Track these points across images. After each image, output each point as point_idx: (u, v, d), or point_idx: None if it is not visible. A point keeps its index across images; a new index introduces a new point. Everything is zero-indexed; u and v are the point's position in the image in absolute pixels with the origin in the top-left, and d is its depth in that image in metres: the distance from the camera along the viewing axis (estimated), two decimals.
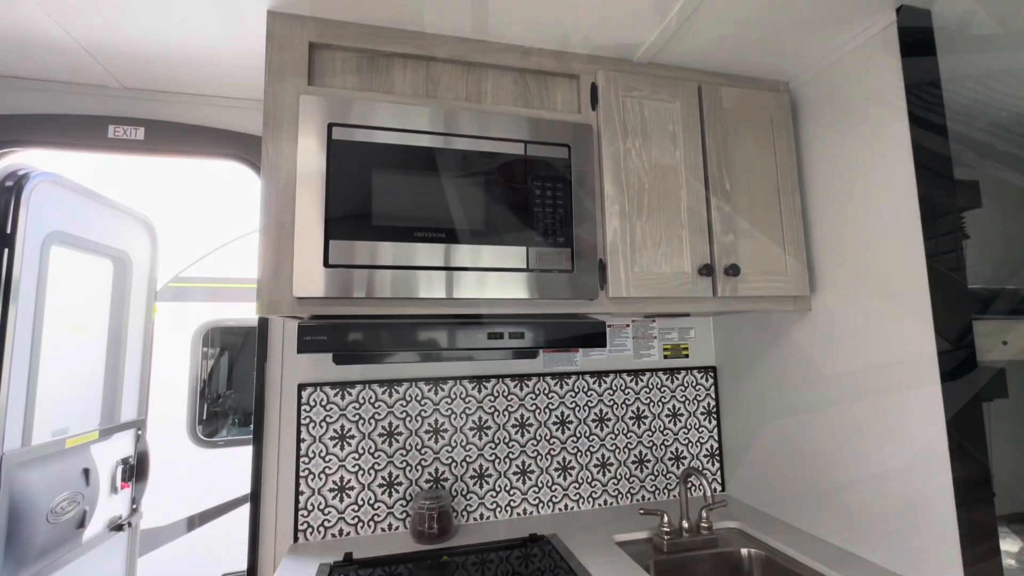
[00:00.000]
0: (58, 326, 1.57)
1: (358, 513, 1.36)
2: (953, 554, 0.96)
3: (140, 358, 1.97)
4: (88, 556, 1.66)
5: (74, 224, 1.61)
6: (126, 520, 1.82)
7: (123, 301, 1.87)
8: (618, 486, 1.55)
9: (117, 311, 1.85)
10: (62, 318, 1.59)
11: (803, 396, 1.32)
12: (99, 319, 1.79)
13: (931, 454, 1.01)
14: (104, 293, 1.81)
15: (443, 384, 1.46)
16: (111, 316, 1.83)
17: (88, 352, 1.73)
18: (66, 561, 1.54)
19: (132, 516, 1.86)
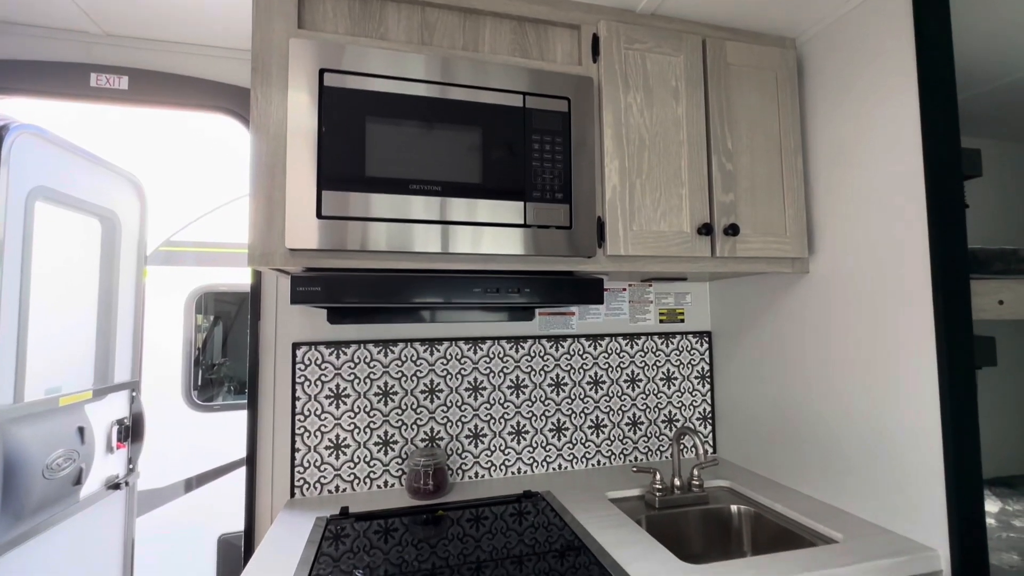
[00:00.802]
0: (46, 284, 1.54)
1: (354, 470, 1.38)
2: (939, 512, 0.98)
3: (132, 320, 1.95)
4: (86, 514, 1.68)
5: (59, 180, 1.57)
6: (123, 479, 1.83)
7: (112, 262, 1.84)
8: (611, 447, 1.57)
9: (107, 272, 1.82)
10: (50, 276, 1.57)
11: (797, 359, 1.32)
12: (89, 279, 1.76)
13: (923, 416, 1.02)
14: (93, 253, 1.77)
15: (438, 345, 1.46)
16: (101, 277, 1.80)
17: (79, 312, 1.71)
18: (63, 517, 1.55)
19: (129, 476, 1.88)
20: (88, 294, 1.76)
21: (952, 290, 1.00)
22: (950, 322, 1.00)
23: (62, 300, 1.64)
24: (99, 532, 1.78)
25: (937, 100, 1.02)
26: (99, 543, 1.79)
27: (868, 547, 1.00)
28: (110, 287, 1.83)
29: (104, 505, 1.78)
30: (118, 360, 1.86)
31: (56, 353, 1.61)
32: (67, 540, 1.61)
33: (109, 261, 1.83)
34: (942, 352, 1.00)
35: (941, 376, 1.00)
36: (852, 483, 1.17)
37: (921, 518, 1.02)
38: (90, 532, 1.73)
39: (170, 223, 2.53)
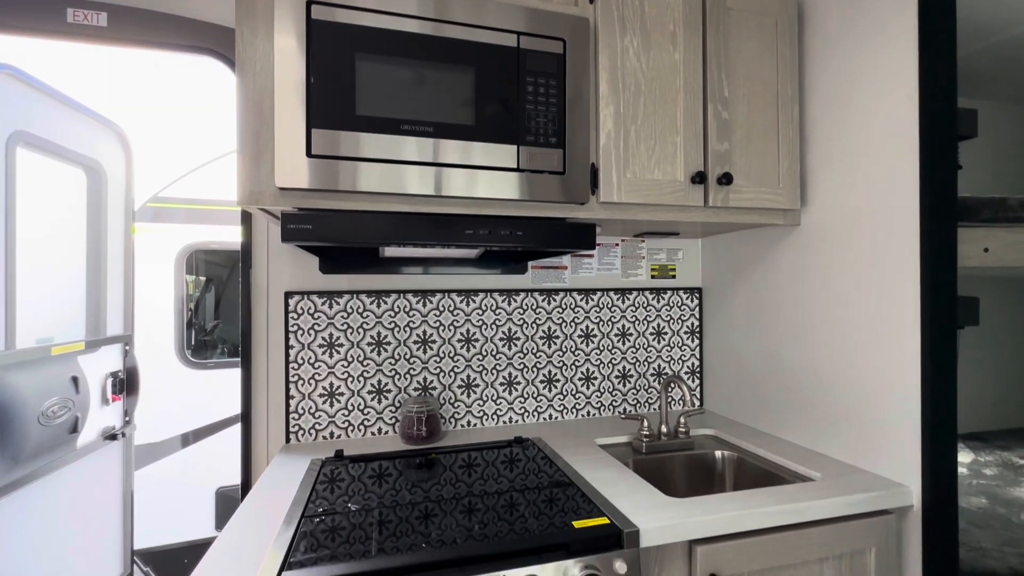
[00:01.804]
0: (33, 234, 1.53)
1: (348, 418, 1.40)
2: (914, 455, 1.02)
3: (122, 274, 1.95)
4: (84, 462, 1.71)
5: (40, 126, 1.53)
6: (119, 431, 1.85)
7: (99, 214, 1.81)
8: (601, 399, 1.61)
9: (94, 224, 1.80)
10: (37, 226, 1.55)
11: (784, 312, 1.34)
12: (76, 231, 1.74)
13: (904, 369, 1.04)
14: (80, 205, 1.75)
15: (431, 297, 1.46)
16: (88, 229, 1.78)
17: (68, 264, 1.70)
18: (61, 464, 1.58)
19: (126, 428, 1.90)
20: (77, 246, 1.75)
21: (939, 239, 1.01)
22: (936, 276, 1.01)
23: (50, 251, 1.63)
24: (98, 481, 1.82)
25: (936, 47, 1.00)
26: (98, 492, 1.83)
27: (844, 484, 1.04)
28: (98, 240, 1.82)
29: (102, 455, 1.81)
30: (110, 313, 1.86)
31: (47, 304, 1.62)
32: (66, 487, 1.65)
33: (96, 213, 1.81)
34: (926, 307, 1.02)
35: (923, 332, 1.02)
36: (833, 430, 1.21)
37: (897, 461, 1.06)
38: (89, 481, 1.77)
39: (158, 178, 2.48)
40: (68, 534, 1.69)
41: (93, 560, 1.83)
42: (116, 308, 1.91)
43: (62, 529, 1.66)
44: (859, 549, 1.00)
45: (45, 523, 1.58)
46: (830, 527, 0.97)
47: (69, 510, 1.68)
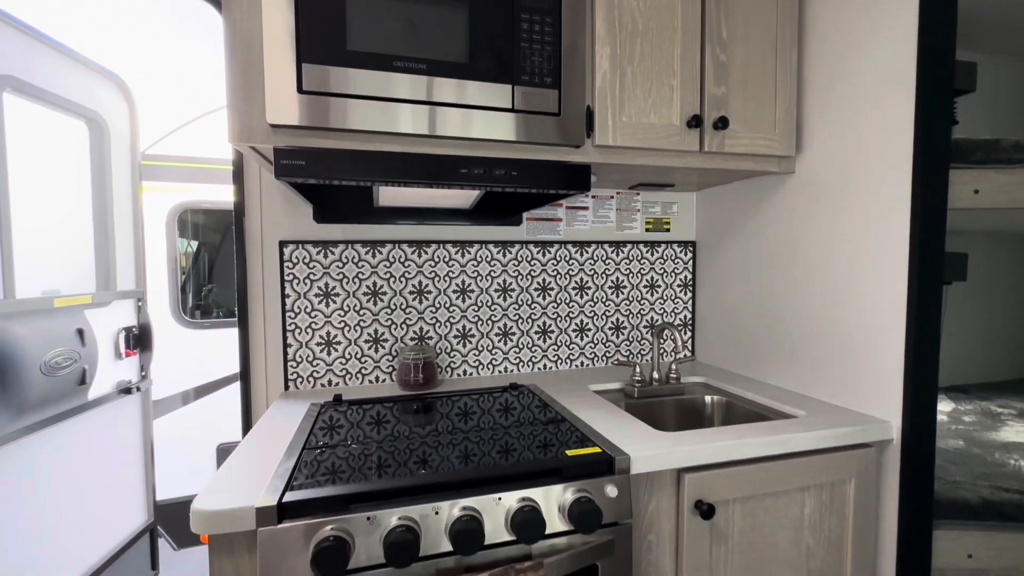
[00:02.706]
0: (33, 185, 1.52)
1: (346, 366, 1.42)
2: (896, 394, 1.05)
3: (132, 231, 1.95)
4: (99, 414, 1.76)
5: (31, 72, 1.49)
6: (134, 384, 1.89)
7: (103, 168, 1.81)
8: (595, 350, 1.64)
9: (99, 178, 1.80)
10: (37, 178, 1.54)
11: (776, 262, 1.36)
12: (81, 185, 1.74)
13: (891, 316, 1.06)
14: (83, 158, 1.75)
15: (426, 247, 1.46)
16: (93, 184, 1.79)
17: (73, 218, 1.72)
18: (73, 414, 1.63)
19: (142, 382, 1.95)
20: (82, 200, 1.76)
21: (931, 182, 1.01)
22: (926, 222, 1.02)
23: (54, 204, 1.63)
24: (116, 432, 1.88)
25: None
26: (118, 442, 1.89)
27: (828, 420, 1.08)
28: (104, 195, 1.82)
29: (119, 408, 1.87)
30: (119, 269, 1.88)
31: (54, 258, 1.64)
32: (82, 436, 1.70)
33: (100, 167, 1.80)
34: (914, 254, 1.03)
35: (911, 281, 1.03)
36: (821, 373, 1.24)
37: (880, 400, 1.09)
38: (107, 432, 1.82)
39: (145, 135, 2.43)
40: (90, 482, 1.75)
41: (118, 508, 1.90)
42: (126, 263, 1.93)
43: (83, 476, 1.71)
44: (840, 480, 1.04)
45: (64, 467, 1.63)
46: (813, 458, 1.01)
47: (89, 458, 1.73)
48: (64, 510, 1.64)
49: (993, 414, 1.67)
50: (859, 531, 1.06)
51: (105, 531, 1.83)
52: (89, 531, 1.75)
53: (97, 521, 1.79)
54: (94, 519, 1.77)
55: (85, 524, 1.73)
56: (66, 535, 1.65)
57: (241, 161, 1.35)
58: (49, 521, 1.58)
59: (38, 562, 1.54)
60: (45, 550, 1.57)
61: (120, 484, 1.91)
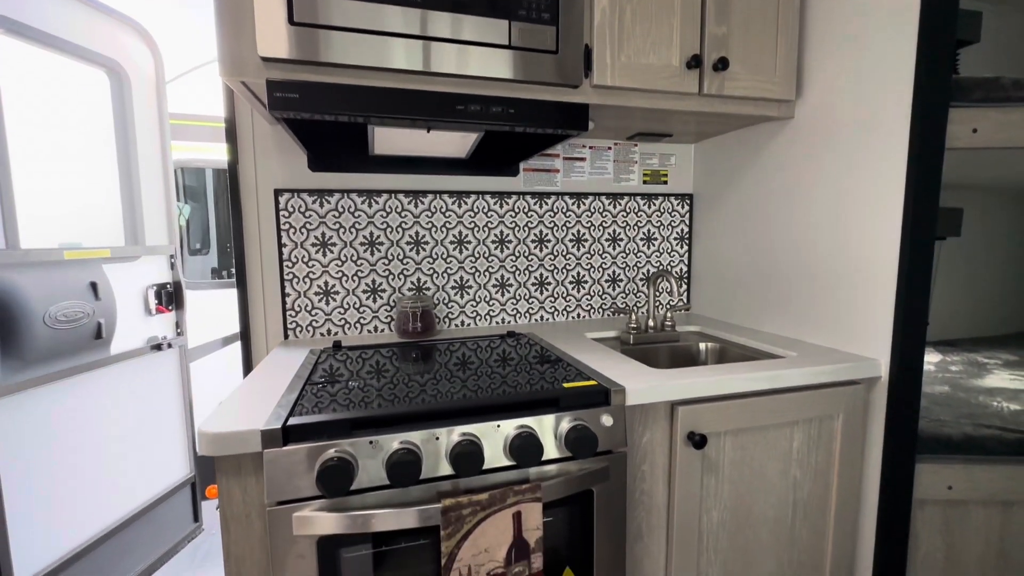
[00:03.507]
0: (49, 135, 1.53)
1: (344, 315, 1.43)
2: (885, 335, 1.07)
3: (162, 186, 1.94)
4: (129, 368, 1.80)
5: (30, 13, 1.45)
6: (166, 341, 1.92)
7: (126, 119, 1.80)
8: (591, 301, 1.65)
9: (122, 131, 1.79)
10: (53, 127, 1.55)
11: (771, 211, 1.36)
12: (105, 137, 1.74)
13: (885, 263, 1.07)
14: (104, 109, 1.74)
15: (423, 197, 1.46)
16: (117, 136, 1.78)
17: (95, 171, 1.72)
18: (96, 367, 1.66)
19: (176, 339, 1.99)
20: (106, 153, 1.75)
21: (931, 120, 1.01)
22: (923, 164, 1.01)
23: (75, 156, 1.63)
24: (150, 387, 1.92)
25: None
26: (153, 397, 1.93)
27: (818, 358, 1.11)
28: (127, 148, 1.80)
29: (151, 363, 1.91)
30: (149, 225, 1.88)
31: (76, 211, 1.65)
32: (109, 390, 1.73)
33: (123, 119, 1.79)
34: (910, 195, 1.03)
35: (905, 219, 1.04)
36: (812, 320, 1.26)
37: (869, 343, 1.12)
38: (139, 386, 1.86)
39: None
40: (125, 434, 1.79)
41: (157, 461, 1.95)
42: (156, 219, 1.93)
43: (116, 428, 1.75)
44: (828, 415, 1.07)
45: (92, 419, 1.66)
46: (803, 394, 1.04)
47: (120, 411, 1.77)
48: (97, 460, 1.68)
49: (979, 364, 1.71)
50: (845, 464, 1.10)
51: (142, 483, 1.88)
52: (125, 482, 1.80)
53: (134, 472, 1.84)
54: (131, 470, 1.83)
55: (122, 475, 1.79)
56: (100, 484, 1.70)
57: (233, 114, 1.32)
58: (80, 469, 1.63)
59: (69, 507, 1.59)
60: (77, 497, 1.62)
61: (159, 438, 1.96)
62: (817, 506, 1.10)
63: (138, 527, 1.84)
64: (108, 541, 1.72)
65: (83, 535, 1.64)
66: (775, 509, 1.07)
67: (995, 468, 1.13)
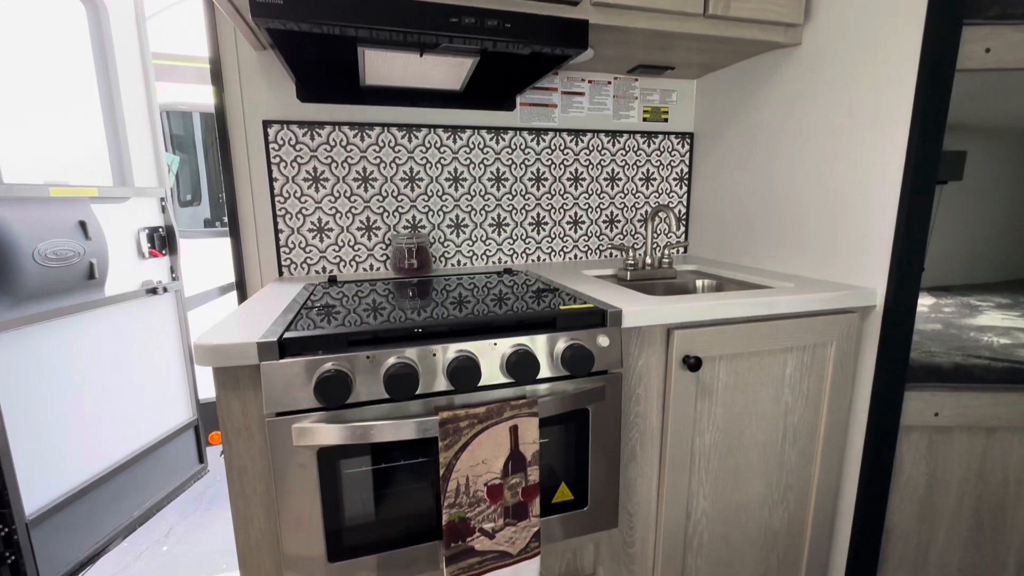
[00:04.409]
0: (28, 70, 1.48)
1: (339, 253, 1.42)
2: (883, 268, 1.07)
3: (148, 126, 1.88)
4: (124, 311, 1.80)
5: None
6: (161, 285, 1.91)
7: (106, 55, 1.72)
8: (588, 242, 1.64)
9: (103, 66, 1.71)
10: (27, 61, 1.50)
11: (773, 145, 1.33)
12: (85, 74, 1.68)
13: (885, 198, 1.05)
14: (83, 43, 1.66)
15: (416, 132, 1.41)
16: (97, 71, 1.70)
17: (79, 110, 1.67)
18: (90, 307, 1.66)
19: (171, 284, 1.98)
20: (88, 91, 1.69)
21: (942, 37, 0.97)
22: (932, 86, 0.98)
23: (54, 93, 1.58)
24: (147, 331, 1.92)
25: None
26: (150, 341, 1.93)
27: (815, 287, 1.11)
28: (109, 85, 1.74)
29: (148, 307, 1.91)
30: (135, 166, 1.83)
31: (57, 149, 1.60)
32: (105, 331, 1.73)
33: (102, 53, 1.71)
34: (916, 119, 1.00)
35: (908, 151, 1.01)
36: (811, 254, 1.25)
37: (866, 274, 1.12)
38: (136, 330, 1.86)
39: None
40: (123, 376, 1.80)
41: (158, 404, 1.98)
42: (144, 160, 1.89)
43: (113, 369, 1.76)
44: (822, 342, 1.08)
45: (89, 359, 1.67)
46: (798, 321, 1.05)
47: (118, 353, 1.78)
48: (98, 400, 1.70)
49: (972, 306, 1.72)
50: (836, 391, 1.12)
51: (145, 424, 1.91)
52: (128, 423, 1.83)
53: (137, 414, 1.87)
54: (133, 412, 1.85)
55: (124, 415, 1.81)
56: (103, 423, 1.72)
57: (218, 44, 1.25)
58: (81, 408, 1.64)
59: (75, 443, 1.62)
60: (81, 434, 1.65)
61: (160, 382, 1.98)
62: (807, 431, 1.13)
63: (144, 465, 1.88)
64: (114, 478, 1.76)
65: (88, 471, 1.67)
66: (766, 433, 1.09)
67: (982, 396, 1.16)
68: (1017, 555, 1.23)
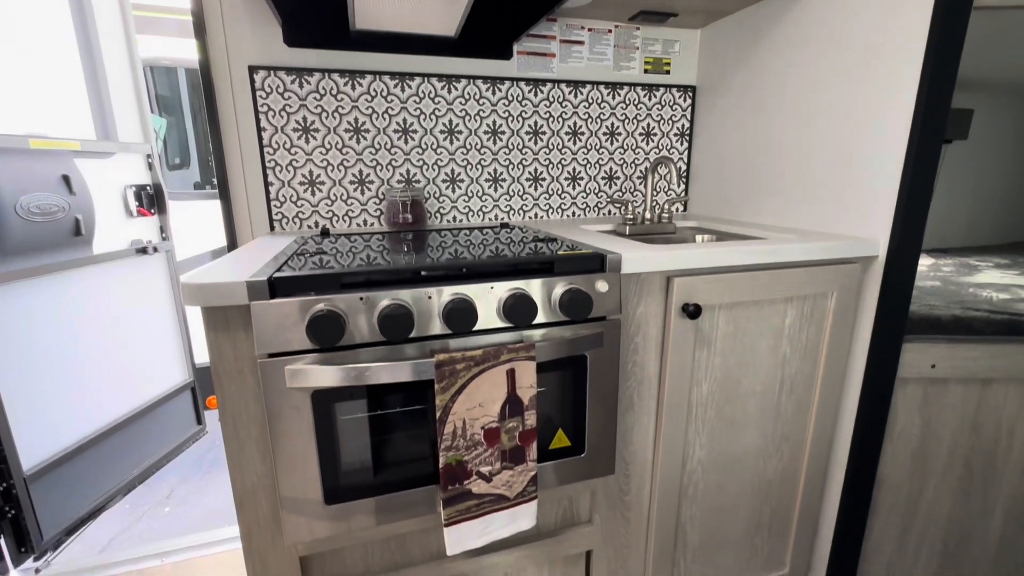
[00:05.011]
0: None
1: (332, 207, 1.38)
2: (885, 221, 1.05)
3: (131, 78, 1.81)
4: (113, 269, 1.76)
5: None
6: (152, 245, 1.87)
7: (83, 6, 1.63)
8: (587, 199, 1.61)
9: (79, 12, 1.63)
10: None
11: (776, 98, 1.29)
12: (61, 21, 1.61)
13: (893, 139, 1.02)
14: None
15: (409, 81, 1.36)
16: (75, 18, 1.62)
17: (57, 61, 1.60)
18: (76, 264, 1.62)
19: (161, 244, 1.94)
20: (66, 42, 1.62)
21: None
22: (946, 23, 0.94)
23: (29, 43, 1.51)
24: (138, 291, 1.89)
25: None
26: (142, 301, 1.91)
27: (818, 238, 1.09)
28: (88, 38, 1.66)
29: (138, 267, 1.87)
30: (119, 120, 1.77)
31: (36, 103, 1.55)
32: (95, 290, 1.70)
33: (80, 2, 1.62)
34: (931, 54, 0.96)
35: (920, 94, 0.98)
36: (813, 209, 1.23)
37: (869, 225, 1.10)
38: (126, 289, 1.83)
39: None
40: (114, 335, 1.78)
41: (152, 365, 1.96)
42: (127, 114, 1.83)
43: (103, 328, 1.74)
44: (822, 292, 1.07)
45: (77, 317, 1.65)
46: (799, 270, 1.03)
47: (107, 313, 1.76)
48: (91, 359, 1.69)
49: (971, 266, 1.72)
50: (834, 342, 1.11)
51: (141, 384, 1.91)
52: (123, 382, 1.82)
53: (131, 374, 1.86)
54: (128, 372, 1.84)
55: (118, 375, 1.80)
56: (97, 382, 1.72)
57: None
58: (74, 367, 1.63)
59: (69, 401, 1.61)
60: (75, 392, 1.64)
61: (154, 343, 1.96)
62: (804, 383, 1.13)
63: (141, 425, 1.88)
64: (111, 437, 1.76)
65: (84, 429, 1.67)
66: (763, 384, 1.09)
67: (980, 347, 1.15)
68: (1005, 504, 1.25)
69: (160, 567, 1.48)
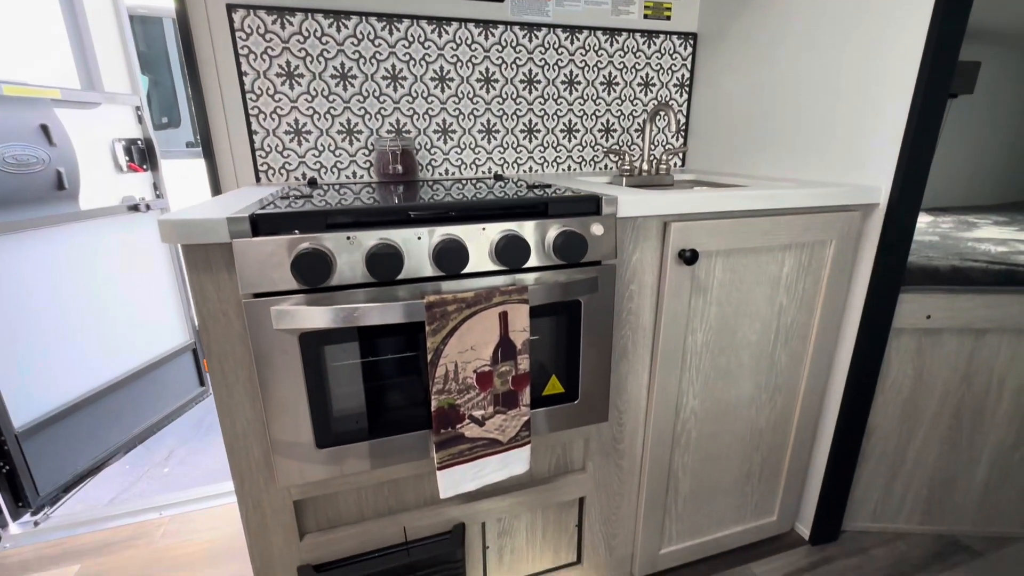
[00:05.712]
0: None
1: (319, 158, 1.34)
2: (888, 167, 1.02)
3: (115, 29, 1.72)
4: (104, 227, 1.72)
5: None
6: (145, 203, 1.82)
7: None
8: (583, 153, 1.56)
9: None
10: None
11: (782, 48, 1.24)
12: None
13: (898, 87, 0.98)
14: None
15: (398, 23, 1.30)
16: None
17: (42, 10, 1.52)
18: (62, 220, 1.58)
19: (155, 201, 1.89)
20: None
21: None
22: None
23: None
24: (133, 250, 1.85)
25: None
26: (137, 261, 1.86)
27: (818, 185, 1.06)
28: None
29: (131, 225, 1.83)
30: (104, 69, 1.69)
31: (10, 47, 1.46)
32: (84, 247, 1.67)
33: None
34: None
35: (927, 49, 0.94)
36: (814, 156, 1.20)
37: (871, 173, 1.07)
38: (119, 248, 1.79)
39: None
40: (108, 294, 1.74)
41: (150, 325, 1.94)
42: (113, 63, 1.74)
43: (94, 287, 1.70)
44: (821, 240, 1.05)
45: (68, 275, 1.62)
46: (798, 217, 1.01)
47: (99, 271, 1.72)
48: (84, 317, 1.66)
49: (969, 223, 1.70)
50: (831, 292, 1.10)
51: (140, 344, 1.88)
52: (120, 342, 1.80)
53: (129, 333, 1.83)
54: (125, 331, 1.81)
55: (115, 334, 1.77)
56: (92, 341, 1.69)
57: None
58: (66, 324, 1.60)
59: (52, 359, 1.59)
60: (69, 350, 1.62)
61: (153, 302, 1.93)
62: (799, 333, 1.12)
63: (141, 386, 1.88)
64: (109, 396, 1.76)
65: (78, 388, 1.66)
66: (758, 334, 1.09)
67: (977, 297, 1.15)
68: (991, 453, 1.28)
69: (158, 519, 1.50)
